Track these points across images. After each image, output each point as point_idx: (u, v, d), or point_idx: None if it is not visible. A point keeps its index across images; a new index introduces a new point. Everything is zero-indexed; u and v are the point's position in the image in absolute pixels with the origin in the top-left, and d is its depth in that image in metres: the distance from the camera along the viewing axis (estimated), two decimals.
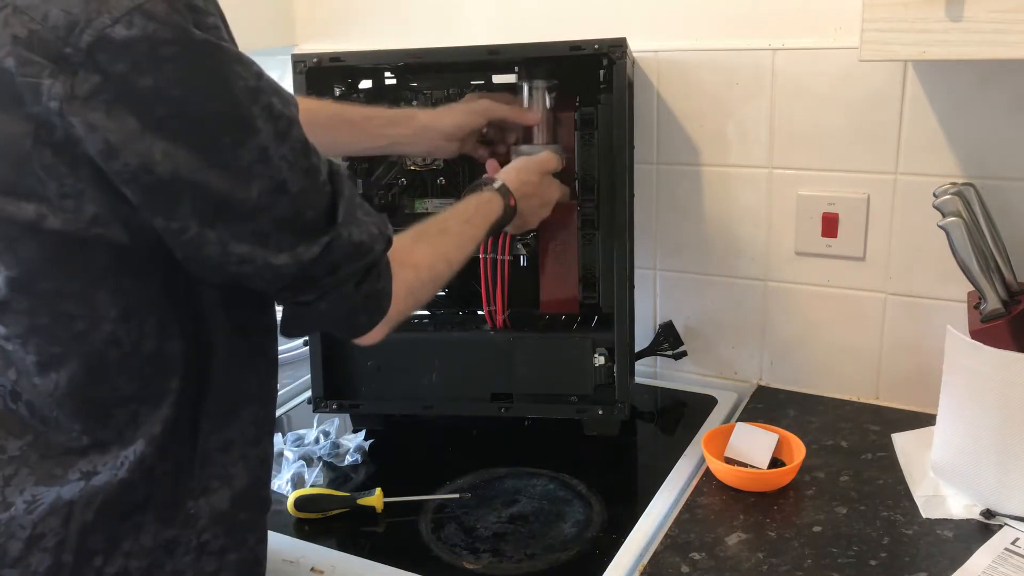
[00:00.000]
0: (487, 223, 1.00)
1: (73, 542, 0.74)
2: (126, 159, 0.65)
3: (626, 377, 1.20)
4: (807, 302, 1.31)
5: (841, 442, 1.17)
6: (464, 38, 1.42)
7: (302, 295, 0.76)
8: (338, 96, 1.25)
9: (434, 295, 0.90)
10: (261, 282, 0.73)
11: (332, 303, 0.77)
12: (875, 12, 0.91)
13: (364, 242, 0.77)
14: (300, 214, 0.72)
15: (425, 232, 0.91)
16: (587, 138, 1.18)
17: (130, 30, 0.63)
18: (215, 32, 0.68)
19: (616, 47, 1.10)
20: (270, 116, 0.70)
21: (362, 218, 0.78)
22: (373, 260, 0.78)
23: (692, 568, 0.94)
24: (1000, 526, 0.97)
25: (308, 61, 1.19)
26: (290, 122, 0.72)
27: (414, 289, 0.85)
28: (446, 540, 1.04)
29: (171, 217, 0.68)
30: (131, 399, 0.75)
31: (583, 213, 1.20)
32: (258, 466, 0.84)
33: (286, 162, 0.71)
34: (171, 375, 0.76)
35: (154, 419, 0.76)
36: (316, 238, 0.73)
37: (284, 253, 0.72)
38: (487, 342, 1.22)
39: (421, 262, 0.87)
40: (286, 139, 0.71)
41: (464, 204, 1.00)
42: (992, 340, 0.98)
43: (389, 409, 1.27)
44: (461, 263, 0.93)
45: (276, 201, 0.70)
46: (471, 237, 0.97)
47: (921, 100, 1.16)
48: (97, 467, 0.75)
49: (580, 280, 1.23)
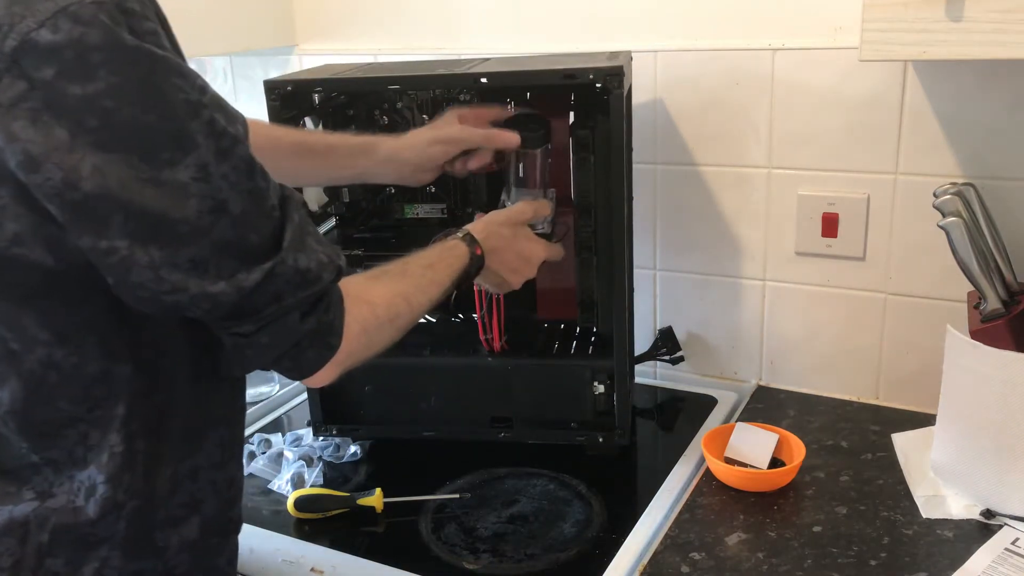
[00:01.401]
0: (451, 270, 0.94)
1: (31, 562, 0.72)
2: (48, 172, 0.61)
3: (626, 404, 1.19)
4: (807, 302, 1.31)
5: (841, 442, 1.17)
6: (464, 38, 1.42)
7: (242, 325, 0.70)
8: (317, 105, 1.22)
9: (393, 339, 0.84)
10: (198, 311, 0.68)
11: (274, 335, 0.71)
12: (875, 12, 0.91)
13: (311, 269, 0.71)
14: (242, 238, 0.67)
15: (385, 272, 0.87)
16: (583, 161, 1.14)
17: (56, 34, 0.59)
18: (152, 39, 0.63)
19: (613, 75, 1.04)
20: (212, 132, 0.65)
21: (312, 245, 0.72)
22: (321, 290, 0.72)
23: (692, 568, 0.94)
24: (1000, 526, 0.97)
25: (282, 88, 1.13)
26: (234, 140, 0.67)
27: (369, 327, 0.79)
28: (446, 540, 1.04)
29: (99, 236, 0.63)
30: (79, 420, 0.72)
31: (580, 237, 1.17)
32: (226, 489, 0.81)
33: (227, 182, 0.66)
34: (118, 400, 0.72)
35: (104, 445, 0.72)
36: (258, 264, 0.68)
37: (223, 280, 0.66)
38: (485, 368, 1.21)
39: (378, 299, 0.82)
40: (228, 157, 0.66)
41: (427, 250, 0.95)
42: (992, 340, 0.98)
43: (388, 433, 1.26)
44: (423, 308, 0.88)
45: (215, 223, 0.65)
46: (433, 281, 0.91)
47: (921, 100, 1.16)
48: (52, 488, 0.72)
49: (579, 304, 1.22)
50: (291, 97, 1.14)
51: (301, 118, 1.19)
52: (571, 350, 1.24)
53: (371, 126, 1.26)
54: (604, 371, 1.18)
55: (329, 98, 1.23)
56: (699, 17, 1.27)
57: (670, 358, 1.39)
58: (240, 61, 1.63)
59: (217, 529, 0.81)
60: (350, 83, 1.16)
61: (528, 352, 1.23)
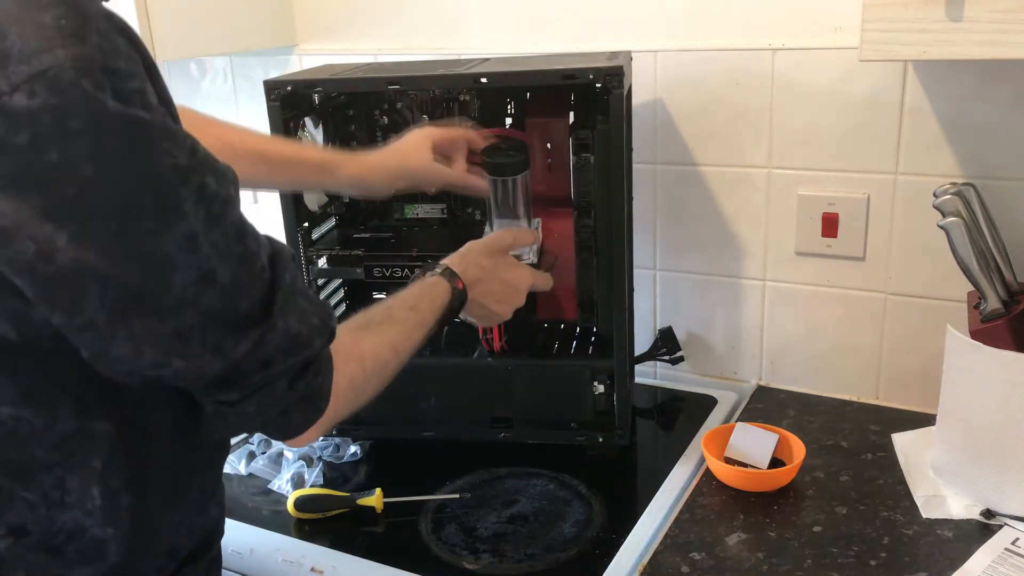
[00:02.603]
0: (434, 308, 0.91)
1: None
2: (20, 245, 0.56)
3: (626, 404, 1.19)
4: (807, 302, 1.31)
5: (841, 442, 1.17)
6: (464, 38, 1.42)
7: (227, 394, 0.66)
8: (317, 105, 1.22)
9: (380, 388, 0.81)
10: (182, 382, 0.64)
11: (261, 403, 0.67)
12: (875, 12, 0.91)
13: (303, 334, 0.67)
14: (231, 307, 0.63)
15: (371, 320, 0.84)
16: (583, 163, 1.14)
17: (31, 100, 0.54)
18: (139, 99, 0.58)
19: (613, 75, 1.04)
20: (202, 198, 0.60)
21: (303, 306, 0.68)
22: (311, 356, 0.69)
23: (692, 568, 0.94)
24: (1000, 526, 0.97)
25: (282, 88, 1.13)
26: (225, 203, 0.63)
27: (357, 384, 0.76)
28: (446, 540, 1.04)
29: (73, 312, 0.58)
30: (55, 465, 0.68)
31: (580, 238, 1.17)
32: (201, 529, 0.79)
33: (216, 250, 0.61)
34: (95, 454, 0.68)
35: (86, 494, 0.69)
36: (247, 331, 0.64)
37: (208, 352, 0.62)
38: (485, 368, 1.21)
39: (367, 353, 0.79)
40: (219, 224, 0.62)
41: (407, 291, 0.92)
42: (992, 340, 0.98)
43: (388, 434, 1.26)
44: (409, 353, 0.85)
45: (202, 293, 0.61)
46: (417, 323, 0.88)
47: (921, 100, 1.16)
48: (27, 525, 0.68)
49: (579, 304, 1.22)
50: (291, 97, 1.14)
51: (301, 118, 1.19)
52: (571, 350, 1.25)
53: (371, 126, 1.26)
54: (604, 371, 1.18)
55: (329, 98, 1.23)
56: (699, 17, 1.27)
57: (670, 358, 1.39)
58: (240, 61, 1.63)
59: (189, 560, 0.79)
60: (350, 83, 1.16)
61: (528, 352, 1.23)
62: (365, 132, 1.26)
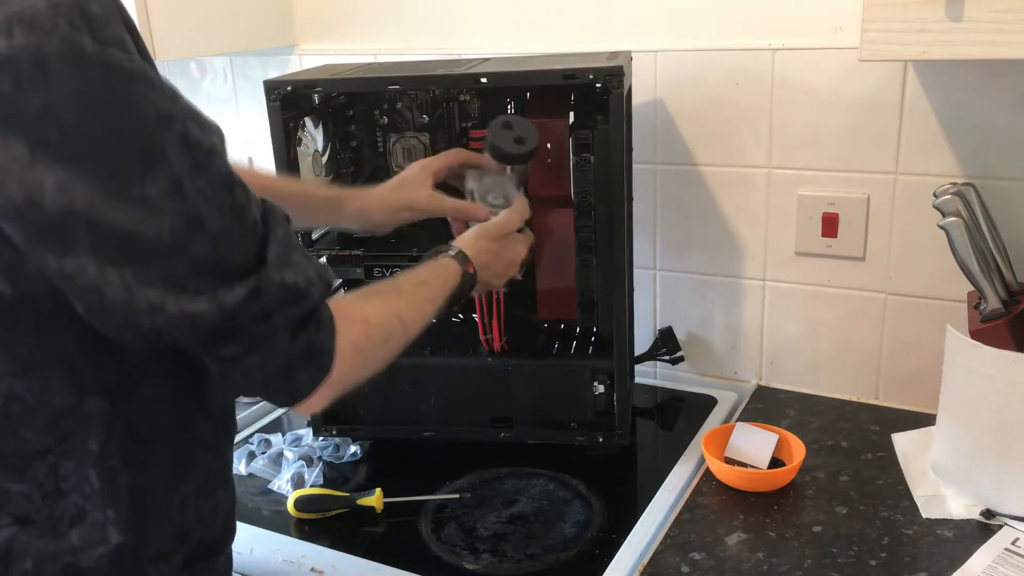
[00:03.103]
0: (445, 288, 0.92)
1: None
2: (10, 191, 0.57)
3: (626, 404, 1.19)
4: (807, 302, 1.31)
5: (841, 442, 1.17)
6: (464, 38, 1.42)
7: (228, 347, 0.65)
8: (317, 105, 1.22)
9: (387, 359, 0.80)
10: (179, 334, 0.63)
11: (263, 357, 0.67)
12: (875, 12, 0.91)
13: (299, 285, 0.67)
14: (223, 257, 0.63)
15: (376, 290, 0.85)
16: (583, 163, 1.14)
17: (10, 41, 0.55)
18: (117, 43, 0.58)
19: (613, 76, 1.04)
20: (185, 145, 0.61)
21: (298, 260, 0.68)
22: (310, 307, 0.69)
23: (692, 568, 0.94)
24: (1000, 526, 0.97)
25: (282, 88, 1.13)
26: (210, 153, 0.63)
27: (362, 347, 0.75)
28: (446, 540, 1.04)
29: (64, 257, 0.59)
30: (48, 452, 0.68)
31: (580, 238, 1.17)
32: (210, 516, 0.78)
33: (204, 197, 0.62)
34: (90, 434, 0.68)
35: (82, 478, 0.69)
36: (242, 280, 0.64)
37: (202, 298, 0.62)
38: (485, 368, 1.21)
39: (371, 318, 0.78)
40: (204, 171, 0.62)
41: (418, 268, 0.92)
42: (992, 340, 0.98)
43: (388, 434, 1.26)
44: (417, 327, 0.84)
45: (192, 241, 0.61)
46: (427, 299, 0.88)
47: (921, 100, 1.16)
48: (30, 514, 0.69)
49: (579, 304, 1.22)
50: (291, 97, 1.14)
51: (301, 118, 1.19)
52: (571, 350, 1.24)
53: (371, 126, 1.26)
54: (604, 371, 1.18)
55: (329, 98, 1.23)
56: (699, 17, 1.27)
57: (670, 358, 1.39)
58: (240, 61, 1.63)
59: (203, 553, 0.78)
60: (350, 83, 1.16)
61: (528, 352, 1.23)
62: (365, 132, 1.26)
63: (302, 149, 1.19)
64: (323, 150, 1.22)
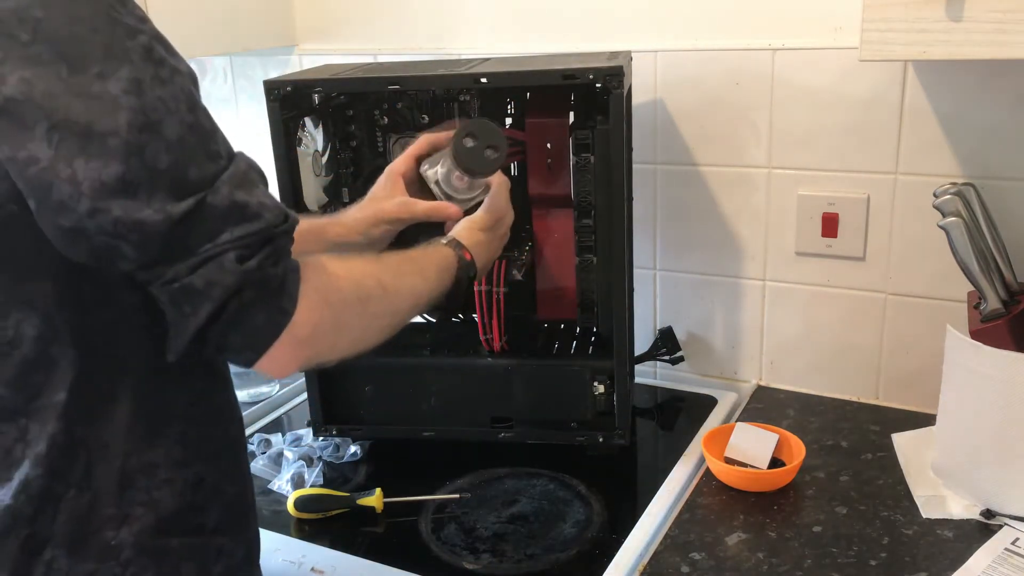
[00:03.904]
0: (437, 267, 0.90)
1: None
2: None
3: (626, 404, 1.19)
4: (807, 302, 1.31)
5: (841, 442, 1.17)
6: (464, 38, 1.42)
7: (174, 267, 0.63)
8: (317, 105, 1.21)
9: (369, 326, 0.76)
10: (126, 246, 0.61)
11: (209, 277, 0.63)
12: (875, 12, 0.91)
13: (249, 203, 0.64)
14: (178, 167, 0.62)
15: (357, 256, 0.81)
16: (583, 163, 1.14)
17: None
18: None
19: (613, 76, 1.03)
20: (148, 57, 0.62)
21: (256, 188, 0.66)
22: (264, 233, 0.65)
23: (692, 568, 0.94)
24: (1000, 526, 0.97)
25: (282, 88, 1.13)
26: (175, 72, 0.64)
27: (332, 299, 0.71)
28: (446, 540, 1.04)
29: (18, 144, 0.59)
30: (17, 413, 0.69)
31: (580, 238, 1.17)
32: (190, 490, 0.76)
33: (164, 104, 0.62)
34: (58, 387, 0.68)
35: (43, 435, 0.69)
36: (192, 194, 0.62)
37: (149, 207, 0.61)
38: (485, 368, 1.21)
39: (342, 272, 0.74)
40: (166, 85, 0.63)
41: (409, 250, 0.91)
42: (992, 340, 0.98)
43: (388, 434, 1.26)
44: (403, 295, 0.81)
45: (147, 143, 0.61)
46: (414, 271, 0.85)
47: (921, 100, 1.16)
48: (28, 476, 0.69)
49: (579, 304, 1.22)
50: (291, 97, 1.14)
51: (301, 118, 1.19)
52: (571, 350, 1.24)
53: (371, 126, 1.26)
54: (604, 371, 1.18)
55: (329, 98, 1.23)
56: (699, 17, 1.27)
57: (670, 358, 1.39)
58: (240, 61, 1.63)
59: (176, 531, 0.75)
60: (350, 83, 1.16)
61: (528, 352, 1.23)
62: (365, 132, 1.26)
63: (302, 149, 1.19)
64: (323, 150, 1.22)
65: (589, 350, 1.23)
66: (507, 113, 1.22)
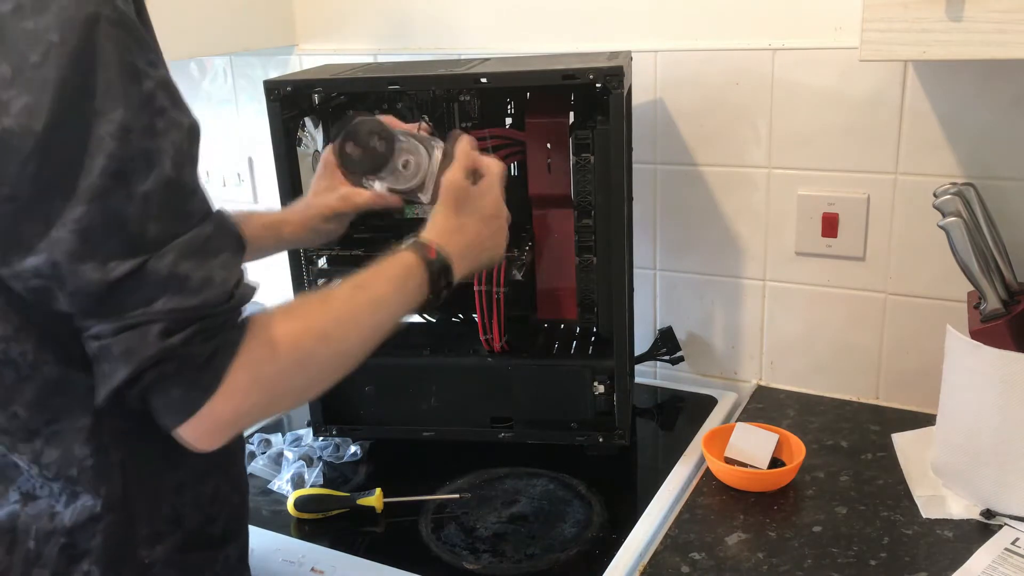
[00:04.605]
0: (396, 283, 0.80)
1: (19, 572, 0.70)
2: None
3: (626, 404, 1.19)
4: (807, 302, 1.31)
5: (841, 442, 1.17)
6: (464, 38, 1.42)
7: (101, 324, 0.61)
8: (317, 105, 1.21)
9: (315, 379, 0.72)
10: (61, 294, 0.61)
11: (129, 344, 0.61)
12: (875, 12, 0.91)
13: (190, 279, 0.61)
14: (140, 223, 0.60)
15: (305, 302, 0.76)
16: (583, 163, 1.14)
17: None
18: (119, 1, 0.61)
19: (613, 76, 1.03)
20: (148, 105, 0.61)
21: (212, 263, 0.63)
22: (199, 311, 0.62)
23: (692, 568, 0.94)
24: (1000, 526, 0.97)
25: (282, 88, 1.13)
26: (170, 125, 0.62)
27: (264, 377, 0.66)
28: (446, 540, 1.04)
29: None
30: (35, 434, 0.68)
31: (580, 238, 1.17)
32: (208, 503, 0.77)
33: (146, 157, 0.60)
34: (81, 411, 0.68)
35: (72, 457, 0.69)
36: (141, 253, 0.60)
37: (94, 260, 0.59)
38: (485, 368, 1.21)
39: (282, 338, 0.68)
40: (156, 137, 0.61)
41: (366, 269, 0.81)
42: (992, 340, 0.98)
43: (388, 434, 1.26)
44: (358, 338, 0.75)
45: (113, 189, 0.59)
46: (369, 303, 0.77)
47: (921, 100, 1.16)
48: (36, 490, 0.70)
49: (579, 304, 1.22)
50: (291, 97, 1.14)
51: (301, 118, 1.19)
52: (571, 350, 1.24)
53: None
54: (604, 371, 1.18)
55: (329, 98, 1.23)
56: (699, 17, 1.27)
57: (670, 358, 1.39)
58: (240, 61, 1.63)
59: (199, 543, 0.77)
60: (350, 83, 1.16)
61: (528, 352, 1.23)
62: None
63: (302, 149, 1.19)
64: (323, 150, 1.22)
65: (589, 350, 1.23)
66: (507, 113, 1.22)
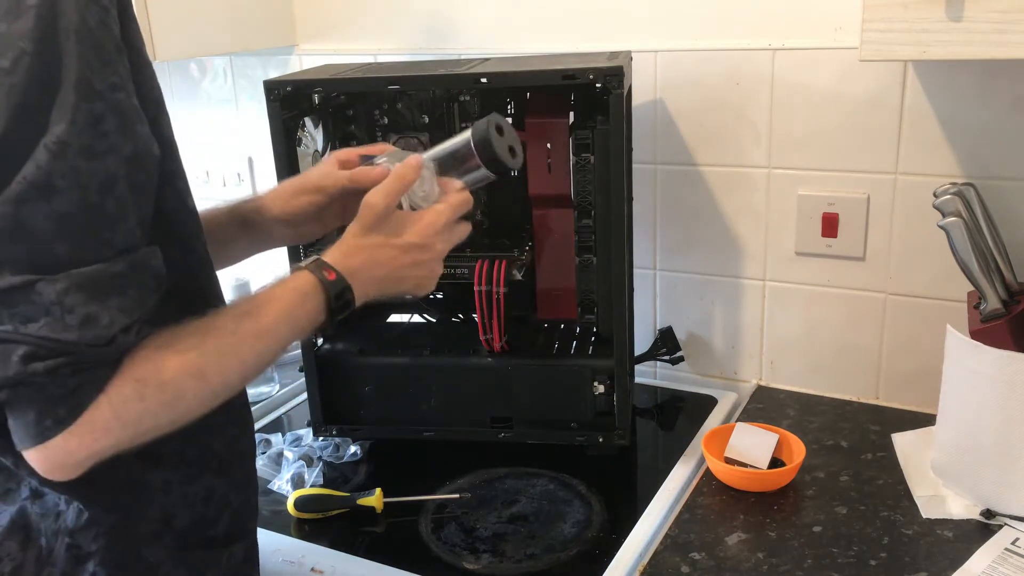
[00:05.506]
0: (292, 310, 0.76)
1: (31, 570, 0.70)
2: None
3: (626, 404, 1.19)
4: (807, 302, 1.31)
5: (841, 442, 1.17)
6: (464, 38, 1.42)
7: None
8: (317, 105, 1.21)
9: (180, 419, 0.69)
10: None
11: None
12: (875, 12, 0.91)
13: (74, 312, 0.60)
14: (48, 240, 0.59)
15: (184, 334, 0.69)
16: (583, 163, 1.14)
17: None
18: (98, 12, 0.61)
19: (613, 76, 1.03)
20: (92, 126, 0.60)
21: (111, 302, 0.61)
22: (69, 348, 0.60)
23: (692, 568, 0.94)
24: (1000, 526, 0.97)
25: (282, 89, 1.12)
26: (110, 150, 0.61)
27: (129, 415, 0.64)
28: (446, 540, 1.04)
29: None
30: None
31: (580, 238, 1.17)
32: (200, 504, 0.77)
33: (75, 176, 0.60)
34: None
35: None
36: (40, 272, 0.59)
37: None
38: (485, 368, 1.21)
39: (152, 376, 0.65)
40: (92, 159, 0.60)
41: (259, 291, 0.77)
42: (992, 340, 0.98)
43: (388, 434, 1.26)
44: (236, 373, 0.72)
45: (32, 202, 0.59)
46: (254, 333, 0.73)
47: (921, 100, 1.16)
48: (42, 486, 0.70)
49: (579, 304, 1.22)
50: (291, 97, 1.14)
51: (301, 118, 1.19)
52: (571, 350, 1.24)
53: (371, 126, 1.26)
54: (604, 371, 1.18)
55: (329, 98, 1.23)
56: (699, 17, 1.27)
57: (670, 358, 1.39)
58: (240, 61, 1.63)
59: (195, 544, 0.78)
60: (350, 83, 1.16)
61: (528, 352, 1.23)
62: (365, 132, 1.26)
63: (302, 149, 1.19)
64: (323, 150, 1.22)
65: (589, 350, 1.23)
66: (507, 113, 1.23)
